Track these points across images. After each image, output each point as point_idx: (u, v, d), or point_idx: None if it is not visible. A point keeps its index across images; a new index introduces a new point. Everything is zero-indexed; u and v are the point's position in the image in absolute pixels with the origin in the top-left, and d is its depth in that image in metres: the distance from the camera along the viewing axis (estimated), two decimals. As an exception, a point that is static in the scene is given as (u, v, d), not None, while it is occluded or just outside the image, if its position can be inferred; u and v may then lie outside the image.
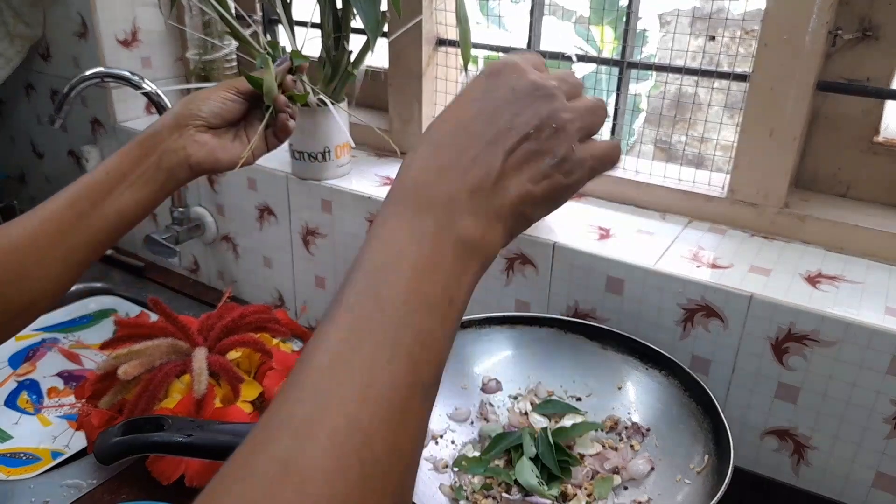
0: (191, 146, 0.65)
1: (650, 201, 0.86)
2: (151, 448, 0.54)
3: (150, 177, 0.63)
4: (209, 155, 0.66)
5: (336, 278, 1.00)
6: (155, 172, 0.63)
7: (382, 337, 0.31)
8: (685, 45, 0.86)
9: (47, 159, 1.38)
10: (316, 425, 0.28)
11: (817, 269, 0.72)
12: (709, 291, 0.69)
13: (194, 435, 0.53)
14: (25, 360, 1.03)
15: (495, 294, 0.84)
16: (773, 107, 0.74)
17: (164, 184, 0.64)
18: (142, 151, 0.63)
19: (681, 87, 0.82)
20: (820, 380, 0.66)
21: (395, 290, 0.32)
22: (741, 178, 0.79)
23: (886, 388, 0.64)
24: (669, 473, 0.60)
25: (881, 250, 0.74)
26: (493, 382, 0.71)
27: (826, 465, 0.69)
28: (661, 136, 0.88)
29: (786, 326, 0.66)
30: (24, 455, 0.86)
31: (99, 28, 1.12)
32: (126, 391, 0.76)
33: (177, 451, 0.54)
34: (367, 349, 0.30)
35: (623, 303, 0.75)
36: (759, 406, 0.71)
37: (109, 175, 0.61)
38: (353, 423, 0.28)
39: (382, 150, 1.07)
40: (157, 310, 0.81)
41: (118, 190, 0.61)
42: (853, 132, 0.78)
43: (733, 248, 0.77)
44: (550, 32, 1.33)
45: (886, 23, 0.73)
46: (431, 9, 0.96)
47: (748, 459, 0.73)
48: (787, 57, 0.72)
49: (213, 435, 0.53)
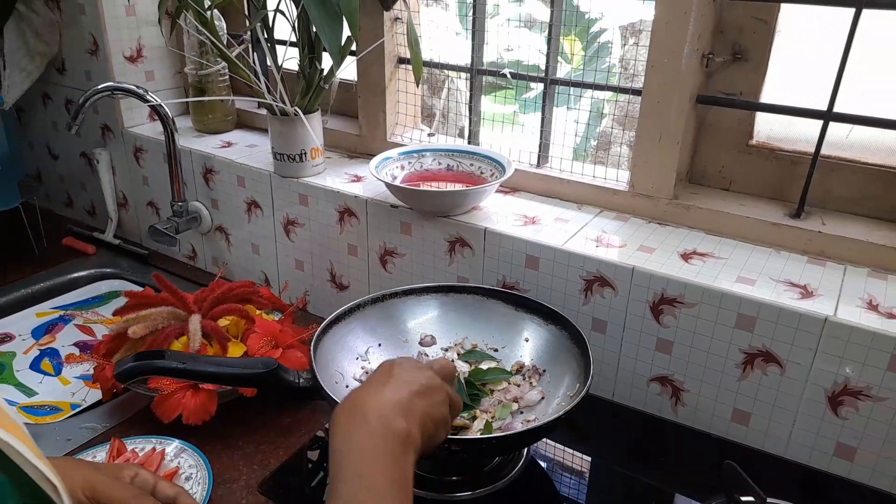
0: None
1: (569, 194, 1.03)
2: (155, 371, 0.71)
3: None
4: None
5: (312, 262, 1.17)
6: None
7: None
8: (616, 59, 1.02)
9: (61, 161, 1.55)
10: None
11: (693, 248, 0.89)
12: (602, 265, 0.86)
13: (188, 363, 0.69)
14: (46, 333, 1.20)
15: (441, 272, 1.01)
16: (660, 117, 0.91)
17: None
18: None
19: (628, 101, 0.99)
20: (687, 335, 0.83)
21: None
22: (638, 175, 0.96)
23: (736, 339, 0.80)
24: (554, 400, 0.78)
25: (748, 233, 0.91)
26: (428, 338, 0.89)
27: (697, 404, 0.86)
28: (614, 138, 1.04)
29: (659, 292, 0.83)
30: (49, 407, 1.03)
31: (108, 46, 1.29)
32: (134, 349, 0.93)
33: (174, 374, 0.71)
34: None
35: (539, 276, 0.92)
36: (644, 357, 0.88)
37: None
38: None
39: (354, 152, 1.25)
40: (160, 283, 0.98)
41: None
42: (732, 137, 0.95)
43: (631, 231, 0.94)
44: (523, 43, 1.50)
45: (753, 47, 0.90)
46: (392, 32, 1.13)
47: (639, 402, 0.90)
48: (668, 76, 0.89)
49: (202, 364, 0.70)
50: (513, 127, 1.10)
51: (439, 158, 1.07)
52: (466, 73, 1.12)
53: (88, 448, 0.85)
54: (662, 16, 0.86)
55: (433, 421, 0.57)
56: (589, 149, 1.36)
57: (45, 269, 1.34)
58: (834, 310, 0.75)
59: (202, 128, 1.35)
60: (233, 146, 1.27)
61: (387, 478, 0.48)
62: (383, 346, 0.88)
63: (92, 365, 0.98)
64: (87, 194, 1.53)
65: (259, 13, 1.02)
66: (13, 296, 1.26)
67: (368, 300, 0.90)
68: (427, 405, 0.57)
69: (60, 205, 1.62)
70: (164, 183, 1.32)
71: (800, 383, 0.78)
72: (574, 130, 1.02)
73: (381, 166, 1.02)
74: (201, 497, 0.77)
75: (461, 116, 1.70)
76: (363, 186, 1.09)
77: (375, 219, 1.05)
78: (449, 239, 0.98)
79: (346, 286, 1.14)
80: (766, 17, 0.88)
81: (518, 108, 2.59)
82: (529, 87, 1.12)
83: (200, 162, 1.25)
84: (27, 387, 1.06)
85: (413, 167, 1.06)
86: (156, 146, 1.31)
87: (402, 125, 1.21)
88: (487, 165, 1.04)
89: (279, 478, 0.81)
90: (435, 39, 1.17)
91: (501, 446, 0.73)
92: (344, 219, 1.09)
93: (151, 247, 1.42)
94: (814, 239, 0.86)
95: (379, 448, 0.49)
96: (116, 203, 1.45)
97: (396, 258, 1.05)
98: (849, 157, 0.89)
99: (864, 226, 0.87)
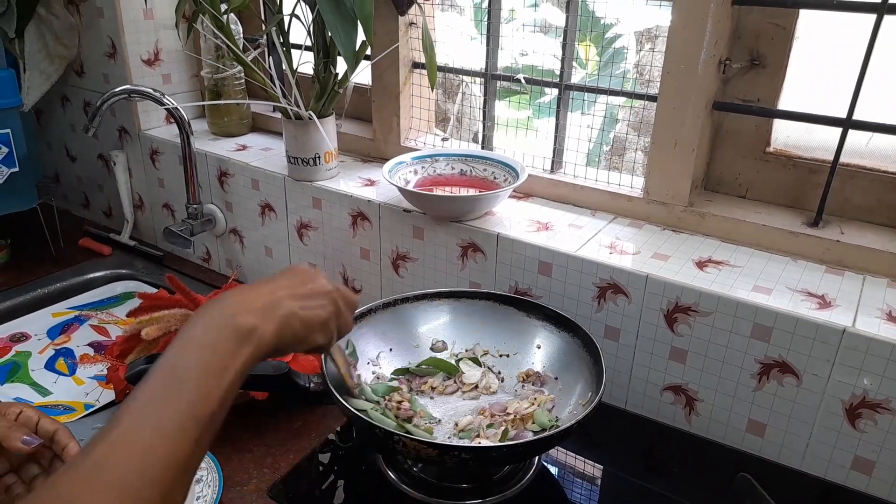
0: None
1: (583, 200, 1.02)
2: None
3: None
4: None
5: (325, 265, 1.17)
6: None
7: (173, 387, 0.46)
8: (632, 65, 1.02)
9: (79, 162, 1.57)
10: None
11: (708, 256, 0.88)
12: (616, 272, 0.86)
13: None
14: (61, 333, 1.21)
15: (453, 277, 1.01)
16: (675, 123, 0.91)
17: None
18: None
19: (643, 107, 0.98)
20: (701, 344, 0.82)
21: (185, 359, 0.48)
22: (653, 181, 0.95)
23: (751, 349, 0.79)
24: (566, 408, 0.77)
25: (765, 241, 0.90)
26: (440, 343, 0.89)
27: (711, 414, 0.85)
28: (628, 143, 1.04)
29: (674, 300, 0.82)
30: (63, 407, 1.04)
31: (126, 49, 1.30)
32: (148, 350, 0.94)
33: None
34: (161, 394, 0.46)
35: (551, 283, 0.91)
36: (657, 366, 0.87)
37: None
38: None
39: (367, 156, 1.25)
40: (174, 285, 0.99)
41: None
42: (748, 144, 0.94)
43: (645, 238, 0.93)
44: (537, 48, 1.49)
45: (771, 54, 0.89)
46: (407, 37, 1.14)
47: (651, 411, 0.89)
48: (685, 82, 0.88)
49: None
50: (527, 132, 1.10)
51: (453, 163, 1.07)
52: (481, 77, 1.11)
53: (101, 449, 0.86)
54: (679, 21, 0.86)
55: (302, 321, 0.56)
56: (602, 154, 1.36)
57: (62, 270, 1.35)
58: (852, 321, 0.74)
59: (217, 131, 1.36)
60: (248, 149, 1.28)
61: (199, 365, 0.47)
62: (394, 351, 0.88)
63: (106, 366, 0.99)
64: (104, 196, 1.54)
65: (275, 17, 1.03)
66: (29, 295, 1.28)
67: (380, 304, 0.89)
68: (299, 306, 0.56)
69: (77, 206, 1.64)
70: (179, 185, 1.33)
71: (817, 395, 0.77)
72: (588, 136, 1.01)
73: (394, 170, 1.02)
74: (211, 500, 0.77)
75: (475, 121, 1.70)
76: (376, 190, 1.09)
77: (388, 223, 1.05)
78: (461, 244, 0.98)
79: (358, 290, 1.14)
80: (784, 24, 0.87)
81: (532, 113, 2.58)
82: (543, 91, 1.11)
83: (215, 165, 1.25)
84: (42, 386, 1.07)
85: (426, 172, 1.06)
86: (172, 149, 1.32)
87: (416, 129, 1.20)
88: (501, 171, 1.04)
89: (289, 481, 0.81)
90: (450, 44, 1.17)
91: (512, 455, 0.72)
92: (357, 223, 1.09)
93: (166, 248, 1.43)
94: (832, 248, 0.85)
95: (206, 340, 0.49)
96: (132, 205, 1.46)
97: (409, 263, 1.05)
98: (868, 165, 0.87)
99: (883, 235, 0.86)
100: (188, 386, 0.46)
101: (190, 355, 0.48)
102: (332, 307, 0.61)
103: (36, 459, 0.68)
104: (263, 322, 0.52)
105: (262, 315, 0.53)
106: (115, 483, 0.41)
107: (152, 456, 0.42)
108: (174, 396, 0.45)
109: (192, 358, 0.48)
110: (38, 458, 0.68)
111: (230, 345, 0.49)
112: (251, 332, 0.51)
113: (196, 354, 0.48)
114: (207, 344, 0.49)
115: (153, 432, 0.43)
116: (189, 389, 0.46)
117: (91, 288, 1.33)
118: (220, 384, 0.47)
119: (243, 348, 0.50)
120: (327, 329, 0.60)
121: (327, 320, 0.60)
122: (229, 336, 0.50)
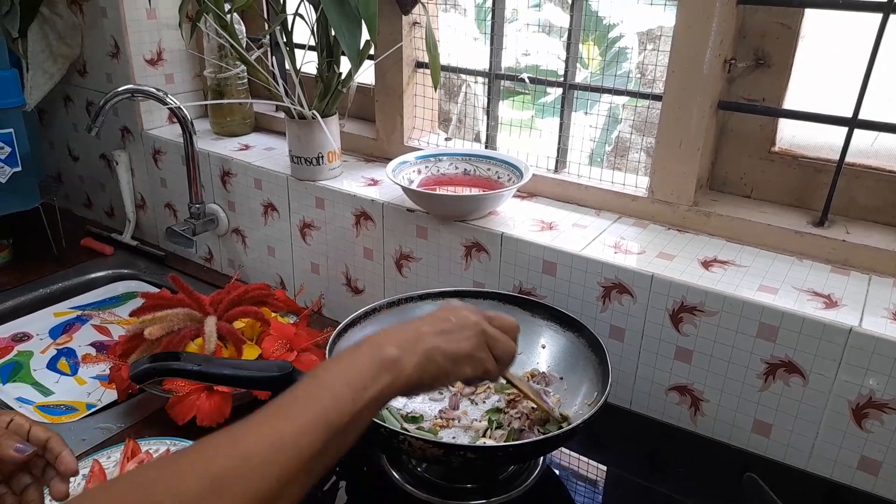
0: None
1: (587, 200, 1.02)
2: (171, 372, 0.70)
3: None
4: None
5: (328, 265, 1.17)
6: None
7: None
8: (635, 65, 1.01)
9: (82, 162, 1.56)
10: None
11: (714, 256, 0.88)
12: (620, 272, 0.85)
13: (203, 366, 0.69)
14: (63, 333, 1.21)
15: (457, 277, 1.00)
16: (680, 122, 0.90)
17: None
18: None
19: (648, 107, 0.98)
20: (707, 343, 0.82)
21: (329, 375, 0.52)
22: (658, 181, 0.95)
23: (757, 349, 0.79)
24: (571, 408, 0.77)
25: (770, 241, 0.89)
26: (444, 343, 0.88)
27: (716, 415, 0.85)
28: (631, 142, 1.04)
29: (679, 300, 0.82)
30: (65, 407, 1.03)
31: (129, 49, 1.30)
32: (150, 350, 0.94)
33: (190, 376, 0.70)
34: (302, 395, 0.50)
35: (556, 282, 0.91)
36: (663, 366, 0.86)
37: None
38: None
39: (370, 156, 1.24)
40: (177, 285, 0.98)
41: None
42: (754, 143, 0.94)
43: (650, 238, 0.93)
44: (540, 48, 1.50)
45: (776, 53, 0.89)
46: (410, 37, 1.13)
47: (657, 411, 0.89)
48: (689, 81, 0.88)
49: (217, 367, 0.70)
50: (530, 132, 1.09)
51: (456, 163, 1.07)
52: (484, 77, 1.11)
53: (103, 448, 0.85)
54: (684, 21, 0.86)
55: (445, 355, 0.58)
56: (605, 155, 1.35)
57: (64, 269, 1.35)
58: (859, 320, 0.73)
59: (220, 130, 1.36)
60: (250, 149, 1.28)
61: (341, 379, 0.52)
62: (398, 351, 0.88)
63: (108, 365, 0.98)
64: (106, 195, 1.54)
65: (278, 17, 1.03)
66: (32, 295, 1.28)
67: (384, 304, 0.89)
68: (443, 341, 0.59)
69: (80, 205, 1.63)
70: (182, 185, 1.32)
71: (823, 395, 0.76)
72: (592, 135, 1.01)
73: (397, 170, 1.02)
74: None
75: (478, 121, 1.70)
76: (380, 190, 1.08)
77: (391, 222, 1.04)
78: (465, 244, 0.98)
79: (361, 290, 1.14)
80: (790, 23, 0.86)
81: (535, 112, 2.58)
82: (546, 92, 1.11)
83: (218, 164, 1.25)
84: (44, 386, 1.07)
85: (430, 171, 1.06)
86: (174, 148, 1.32)
87: (420, 129, 1.20)
88: (504, 170, 1.03)
89: (292, 482, 0.81)
90: (453, 44, 1.17)
91: (517, 454, 0.72)
92: (360, 222, 1.08)
93: (168, 248, 1.43)
94: (838, 248, 0.85)
95: (352, 360, 0.54)
96: (135, 204, 1.46)
97: (412, 262, 1.05)
98: (874, 164, 0.87)
99: (889, 235, 0.85)
100: (326, 393, 0.50)
101: (335, 369, 0.53)
102: (478, 339, 0.62)
103: (28, 469, 0.67)
104: (406, 354, 0.56)
105: (406, 348, 0.56)
106: (242, 455, 0.44)
107: (281, 440, 0.46)
108: (312, 399, 0.50)
109: (336, 371, 0.53)
110: (30, 468, 0.67)
111: (372, 369, 0.54)
112: (393, 362, 0.55)
113: (340, 370, 0.53)
114: (352, 364, 0.54)
115: (286, 422, 0.47)
116: (326, 396, 0.50)
117: (93, 288, 1.33)
118: (355, 399, 0.51)
119: (383, 375, 0.54)
120: (475, 360, 0.61)
121: (472, 352, 0.61)
122: (373, 362, 0.54)
